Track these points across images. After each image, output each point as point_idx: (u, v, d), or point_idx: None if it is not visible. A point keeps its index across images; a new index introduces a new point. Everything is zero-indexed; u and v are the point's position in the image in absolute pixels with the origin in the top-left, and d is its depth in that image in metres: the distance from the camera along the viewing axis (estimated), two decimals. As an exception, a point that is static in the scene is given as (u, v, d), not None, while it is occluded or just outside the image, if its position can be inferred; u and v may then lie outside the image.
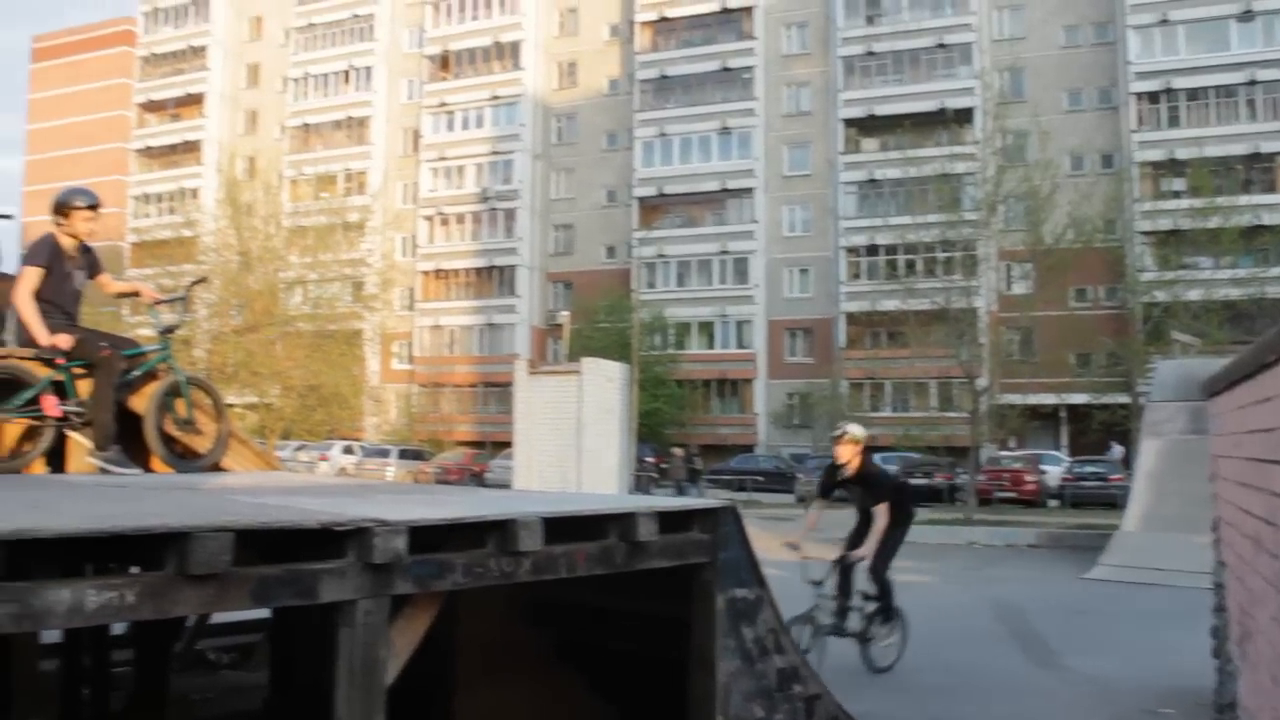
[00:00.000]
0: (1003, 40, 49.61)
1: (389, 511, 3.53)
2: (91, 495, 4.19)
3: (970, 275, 32.69)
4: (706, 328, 53.11)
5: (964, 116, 46.36)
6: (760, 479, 38.90)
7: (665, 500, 5.04)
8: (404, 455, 41.57)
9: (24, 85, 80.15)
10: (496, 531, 3.67)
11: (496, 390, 51.98)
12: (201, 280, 8.68)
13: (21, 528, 2.71)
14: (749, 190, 53.54)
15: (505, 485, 26.84)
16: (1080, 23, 48.99)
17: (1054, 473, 35.30)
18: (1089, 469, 34.06)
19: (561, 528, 3.84)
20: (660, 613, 4.86)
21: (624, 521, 4.07)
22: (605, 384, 22.62)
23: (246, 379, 30.82)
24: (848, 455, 9.51)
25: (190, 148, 66.57)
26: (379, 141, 61.12)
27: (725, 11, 54.84)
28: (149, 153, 68.51)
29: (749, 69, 54.12)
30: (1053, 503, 33.51)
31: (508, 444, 31.85)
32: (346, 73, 62.47)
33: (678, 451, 37.56)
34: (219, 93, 66.31)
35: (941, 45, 50.16)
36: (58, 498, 3.96)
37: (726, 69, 54.32)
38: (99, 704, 5.77)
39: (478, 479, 36.95)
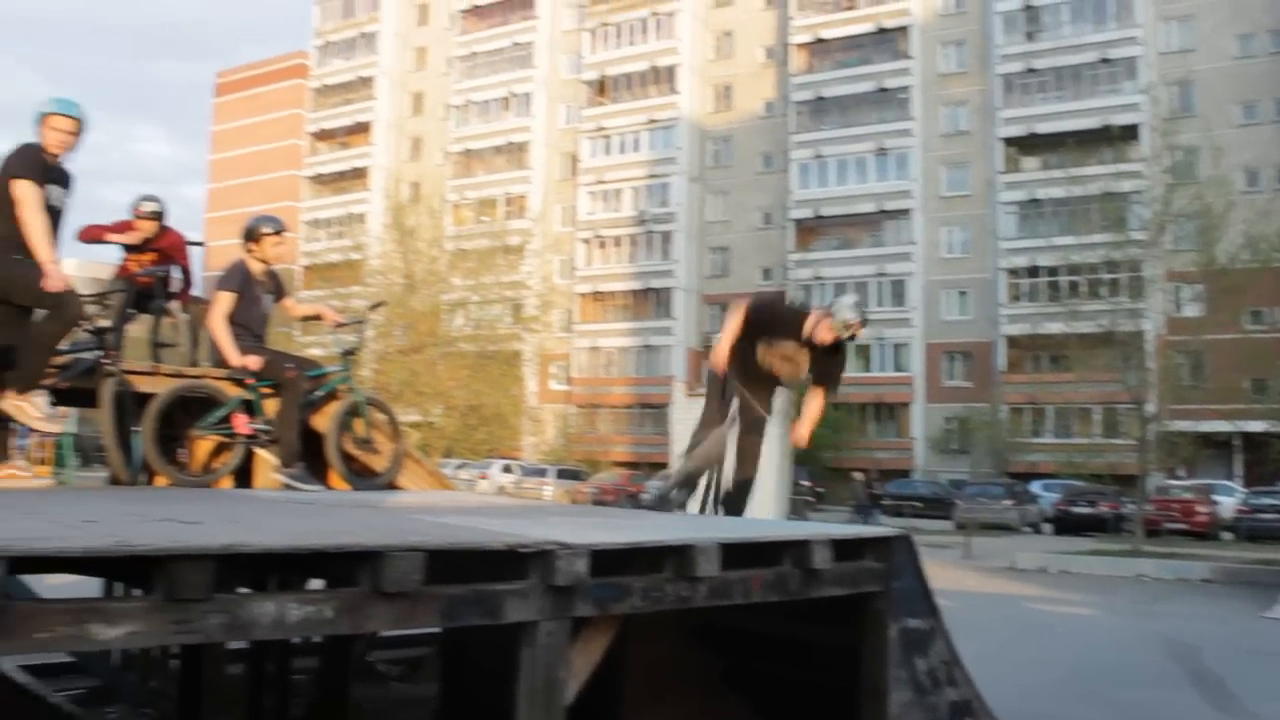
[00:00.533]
0: (1171, 53, 47.87)
1: (569, 534, 3.59)
2: (282, 511, 4.36)
3: (1137, 297, 31.53)
4: (863, 350, 52.39)
5: (1129, 133, 44.77)
6: (918, 504, 38.22)
7: (839, 527, 5.01)
8: (561, 475, 42.04)
9: (208, 118, 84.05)
10: (674, 556, 3.70)
11: (652, 411, 52.25)
12: (380, 304, 8.99)
13: (231, 543, 2.85)
14: (906, 211, 52.81)
15: (661, 507, 26.84)
16: (1255, 31, 46.89)
17: (1227, 503, 33.80)
18: (1266, 500, 32.45)
19: (737, 553, 3.84)
20: (827, 640, 4.82)
21: (799, 548, 4.06)
22: (762, 407, 22.46)
23: (410, 398, 31.58)
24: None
25: (358, 174, 68.94)
26: (538, 166, 62.24)
27: (881, 31, 54.29)
28: (319, 179, 71.19)
29: (905, 89, 53.44)
30: (1226, 535, 32.06)
31: (663, 465, 31.85)
32: (507, 99, 63.85)
33: (858, 476, 37.20)
34: (385, 121, 68.52)
35: (1105, 60, 48.71)
36: (254, 513, 4.13)
37: (883, 89, 53.74)
38: (281, 710, 5.99)
39: (633, 500, 37.13)
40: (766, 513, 20.93)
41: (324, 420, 6.36)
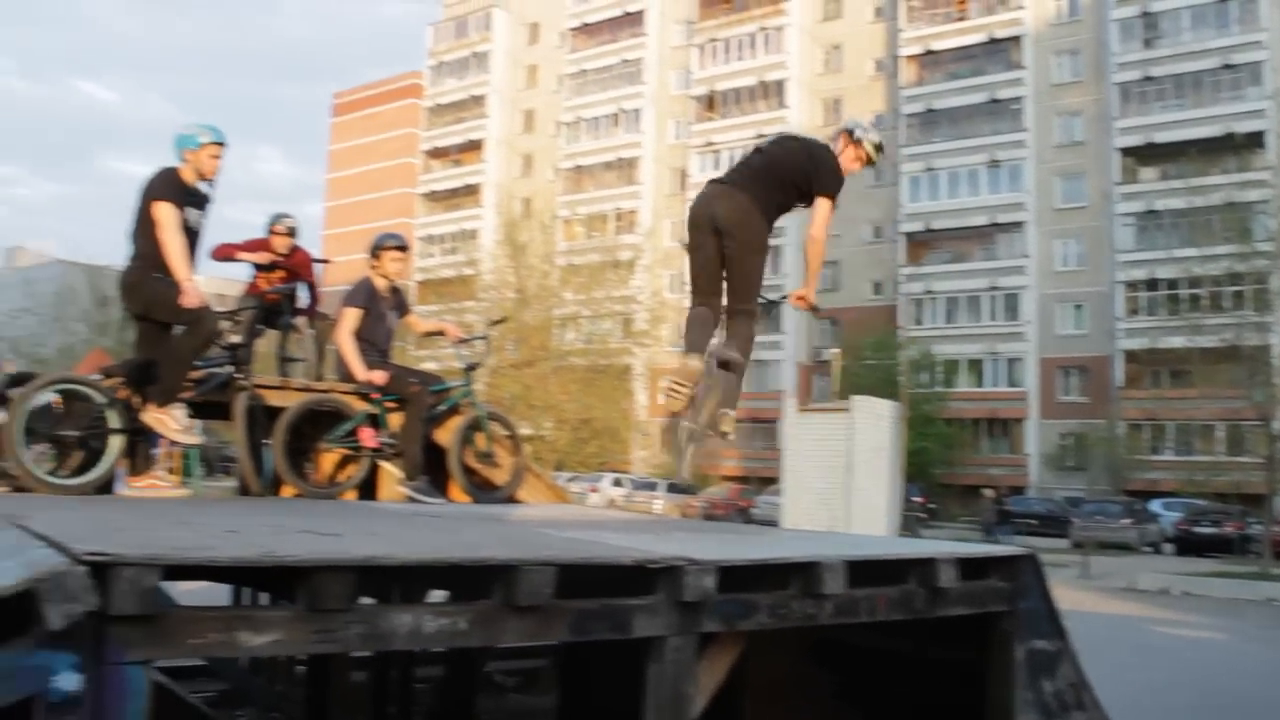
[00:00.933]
0: (1299, 57, 46.31)
1: (695, 550, 3.61)
2: (414, 524, 4.45)
3: (1264, 310, 30.52)
4: (975, 365, 51.61)
5: (1254, 141, 43.32)
6: (1033, 522, 37.43)
7: (964, 546, 4.95)
8: (672, 489, 42.06)
9: (325, 137, 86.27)
10: (800, 573, 3.70)
11: (762, 426, 52.00)
12: (501, 320, 9.12)
13: (373, 555, 2.93)
14: (1019, 224, 51.83)
15: (772, 522, 26.77)
16: (1387, 33, 45.21)
17: (1364, 525, 32.43)
18: (1405, 521, 31.08)
19: (863, 571, 3.83)
20: (948, 659, 4.77)
21: (925, 567, 4.03)
22: (875, 422, 22.28)
23: (522, 411, 31.93)
24: None
25: (470, 191, 70.04)
26: (648, 181, 62.51)
27: (993, 42, 53.45)
28: (433, 196, 72.49)
29: (1018, 99, 52.49)
30: (1362, 558, 30.76)
31: (772, 480, 31.78)
32: (616, 115, 64.29)
33: (987, 494, 36.68)
34: (497, 138, 69.52)
35: (1228, 66, 47.25)
36: (389, 526, 4.23)
37: (995, 100, 52.89)
38: (404, 719, 6.11)
39: (744, 515, 37.01)
40: (878, 529, 20.78)
41: (446, 434, 6.48)
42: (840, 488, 21.26)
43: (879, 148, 5.76)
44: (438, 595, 4.25)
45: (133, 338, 5.95)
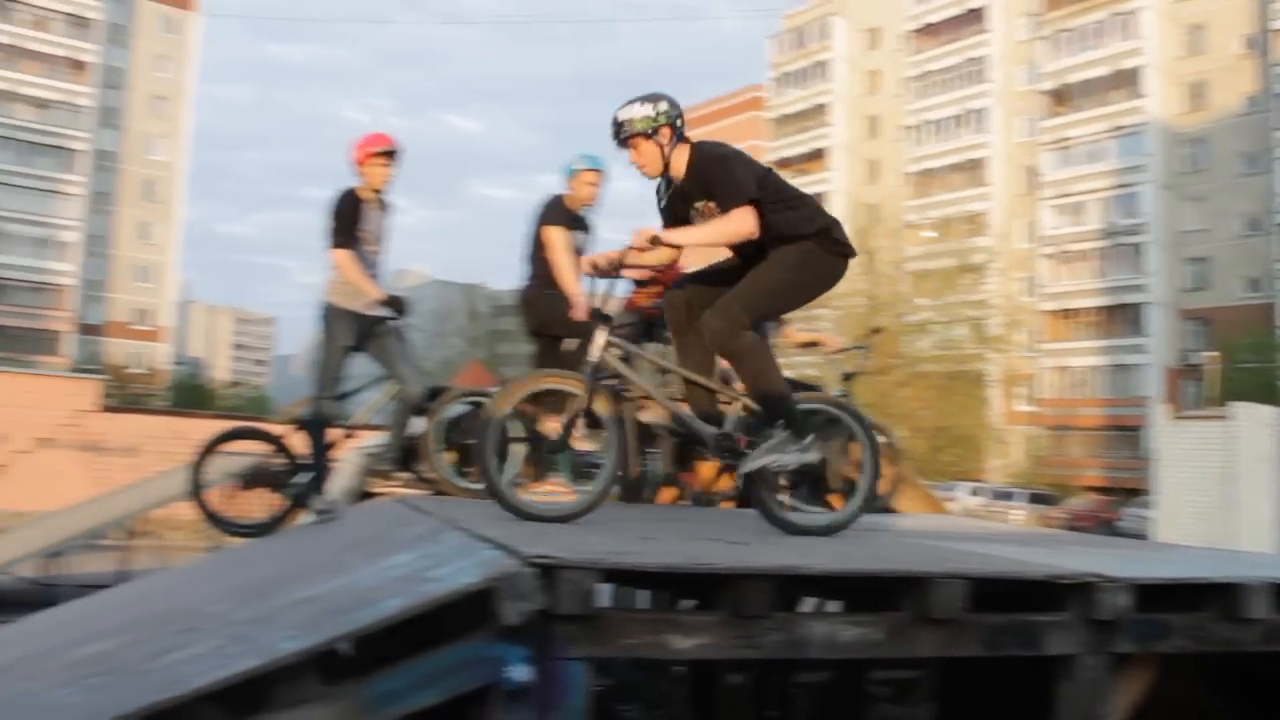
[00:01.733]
0: None
1: (1103, 565, 3.50)
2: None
3: None
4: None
5: None
6: None
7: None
8: (1034, 499, 40.54)
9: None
10: (1219, 595, 3.51)
11: (1126, 434, 49.25)
12: (878, 330, 9.11)
13: (794, 564, 3.03)
14: None
15: (1139, 536, 25.30)
16: None
17: None
18: None
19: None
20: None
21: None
22: (1260, 430, 20.63)
23: (876, 420, 31.65)
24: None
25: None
26: (997, 182, 60.54)
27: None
28: (781, 207, 73.06)
29: None
30: None
31: (1138, 490, 29.98)
32: (962, 116, 62.67)
33: None
34: (842, 146, 69.29)
35: None
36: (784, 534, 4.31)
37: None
38: (786, 725, 6.20)
39: (1108, 527, 35.13)
40: (1265, 546, 19.19)
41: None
42: (1219, 501, 19.84)
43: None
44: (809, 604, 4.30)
45: (522, 351, 6.47)
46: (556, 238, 6.12)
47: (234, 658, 2.80)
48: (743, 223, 4.30)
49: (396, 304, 5.87)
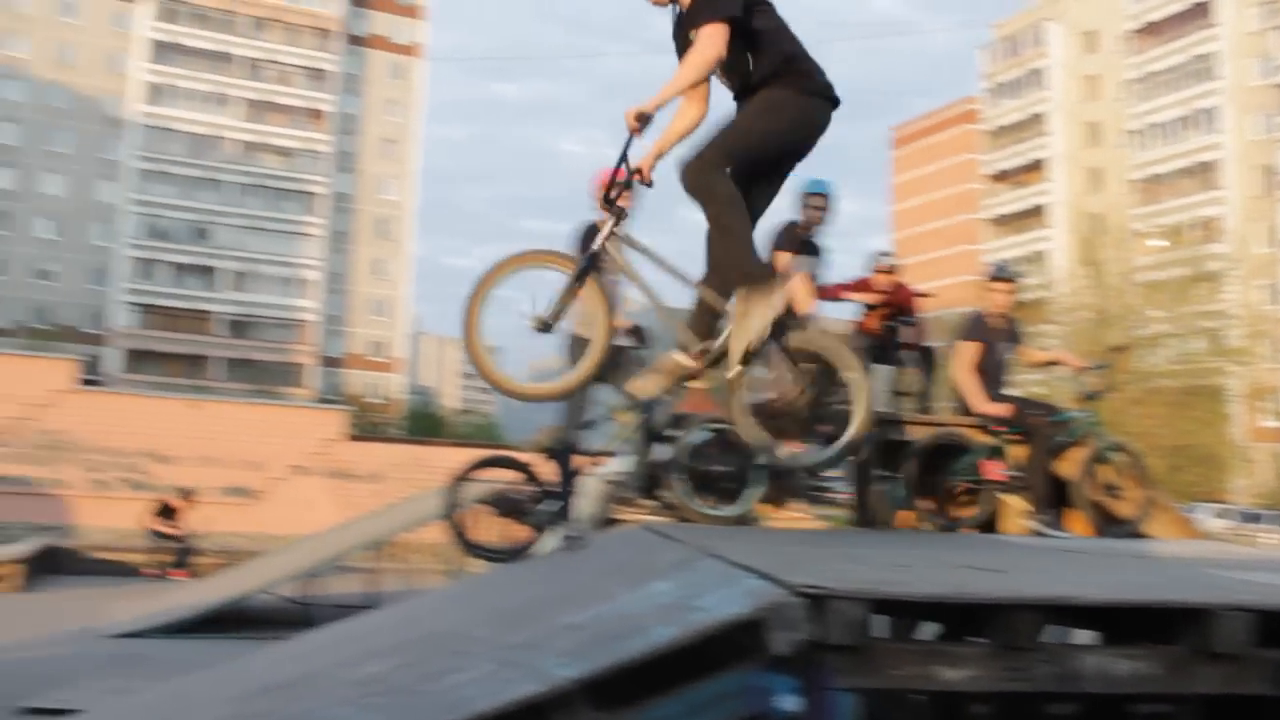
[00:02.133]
0: None
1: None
2: (1065, 560, 4.40)
3: None
4: None
5: None
6: None
7: None
8: (1285, 520, 37.97)
9: (884, 171, 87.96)
10: None
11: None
12: (1122, 347, 8.82)
13: (1065, 594, 2.96)
14: None
15: None
16: None
17: None
18: None
19: None
20: None
21: None
22: None
23: (1123, 440, 30.32)
24: None
25: (1035, 212, 67.88)
26: (1231, 184, 57.32)
27: None
28: (998, 221, 71.04)
29: None
30: None
31: None
32: (1189, 117, 59.65)
33: None
34: (1061, 154, 66.93)
35: None
36: (1037, 561, 4.21)
37: None
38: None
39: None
40: None
41: (1071, 466, 6.35)
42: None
43: None
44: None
45: None
46: (784, 263, 6.35)
47: (511, 683, 2.88)
48: (710, 44, 3.97)
49: (638, 333, 6.01)
